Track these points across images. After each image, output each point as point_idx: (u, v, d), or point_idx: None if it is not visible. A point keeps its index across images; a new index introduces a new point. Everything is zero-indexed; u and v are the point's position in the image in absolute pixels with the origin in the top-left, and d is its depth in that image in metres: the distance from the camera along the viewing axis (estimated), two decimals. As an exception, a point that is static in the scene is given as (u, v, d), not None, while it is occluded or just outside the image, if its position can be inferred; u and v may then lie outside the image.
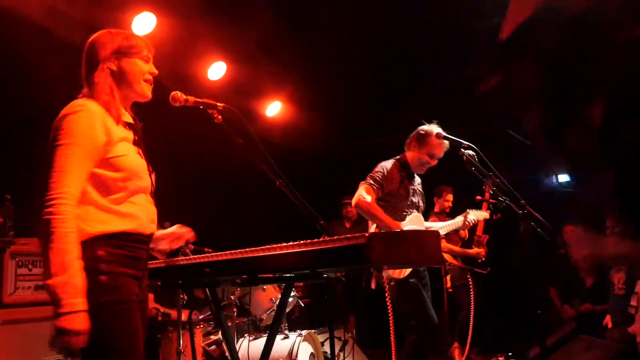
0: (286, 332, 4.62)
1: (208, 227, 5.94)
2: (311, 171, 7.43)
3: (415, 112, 4.53)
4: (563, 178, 8.29)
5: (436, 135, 3.91)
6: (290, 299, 4.77)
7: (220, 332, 4.55)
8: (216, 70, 5.79)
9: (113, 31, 2.17)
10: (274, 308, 4.75)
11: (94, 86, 2.06)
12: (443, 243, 5.34)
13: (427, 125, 4.06)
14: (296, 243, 2.04)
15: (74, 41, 2.17)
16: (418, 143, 4.05)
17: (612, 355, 4.41)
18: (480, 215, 4.44)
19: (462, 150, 3.67)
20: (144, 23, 4.77)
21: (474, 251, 5.54)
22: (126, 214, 1.99)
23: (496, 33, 5.94)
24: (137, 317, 1.97)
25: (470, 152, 3.66)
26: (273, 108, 6.91)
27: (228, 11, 5.08)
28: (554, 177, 8.35)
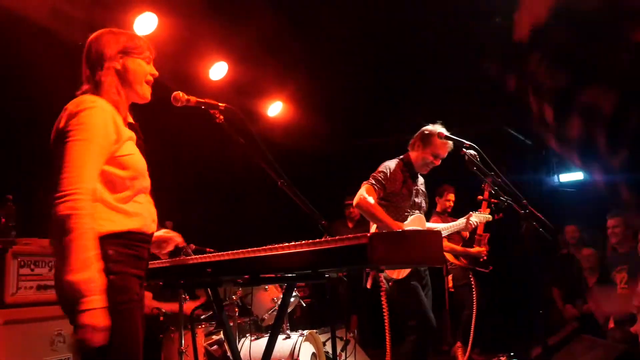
0: (288, 332, 4.61)
1: (210, 227, 5.99)
2: (313, 171, 7.43)
3: (416, 113, 4.52)
4: (565, 177, 8.28)
5: (438, 135, 3.91)
6: (292, 299, 4.77)
7: (222, 332, 4.55)
8: (218, 70, 5.79)
9: (115, 30, 2.17)
10: (276, 308, 4.75)
11: (102, 85, 2.06)
12: (444, 242, 5.34)
13: (431, 125, 4.06)
14: (298, 243, 2.04)
15: (75, 41, 2.16)
16: (422, 143, 4.05)
17: (615, 355, 4.40)
18: (482, 217, 4.45)
19: (464, 150, 3.67)
20: (146, 23, 4.77)
21: (476, 250, 5.55)
22: (132, 213, 2.00)
23: (496, 33, 5.93)
24: (138, 317, 1.98)
25: (471, 152, 3.66)
26: (274, 108, 6.90)
27: (229, 11, 5.08)
28: (556, 177, 8.34)
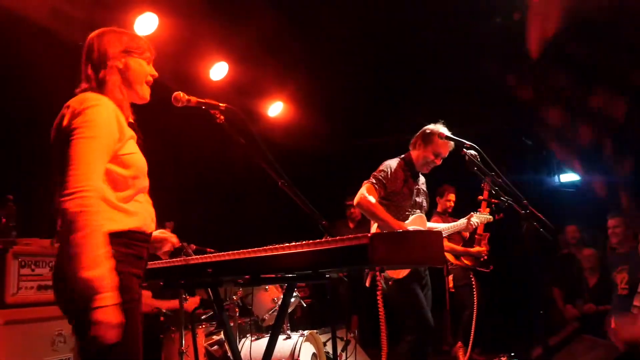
0: (288, 332, 4.61)
1: (210, 227, 5.99)
2: (313, 171, 7.43)
3: (416, 113, 4.52)
4: (565, 178, 8.28)
5: (438, 135, 3.91)
6: (292, 299, 4.77)
7: (222, 332, 4.55)
8: (218, 70, 5.79)
9: (117, 29, 2.17)
10: (276, 308, 4.75)
11: (106, 83, 2.06)
12: (445, 242, 5.34)
13: (433, 124, 4.06)
14: (298, 243, 2.04)
15: (76, 41, 2.16)
16: (423, 142, 4.04)
17: (615, 355, 4.40)
18: (483, 217, 4.45)
19: (465, 150, 3.67)
20: (147, 23, 4.77)
21: (476, 250, 5.54)
22: (133, 212, 2.00)
23: (496, 33, 5.95)
24: (139, 316, 1.98)
25: (472, 152, 3.65)
26: (275, 108, 6.90)
27: (230, 12, 5.08)
28: (557, 177, 8.34)
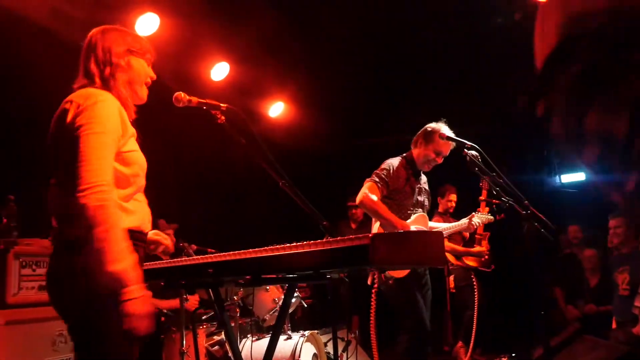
0: (289, 333, 4.61)
1: (211, 228, 5.99)
2: (314, 171, 7.42)
3: (416, 113, 4.52)
4: (566, 178, 8.26)
5: (439, 136, 3.91)
6: (293, 300, 4.77)
7: (223, 333, 4.55)
8: (219, 70, 5.79)
9: (120, 28, 2.17)
10: (277, 308, 4.75)
11: (111, 81, 2.06)
12: (445, 242, 5.34)
13: (435, 123, 4.06)
14: (299, 244, 2.03)
15: (76, 42, 2.16)
16: (425, 140, 4.04)
17: (617, 356, 4.39)
18: (484, 218, 4.44)
19: (466, 150, 3.68)
20: (148, 24, 4.78)
21: (477, 250, 5.55)
22: (132, 211, 2.00)
23: (497, 33, 5.94)
24: None
25: (473, 153, 3.66)
26: (276, 108, 6.90)
27: (231, 12, 5.08)
28: (558, 177, 8.33)
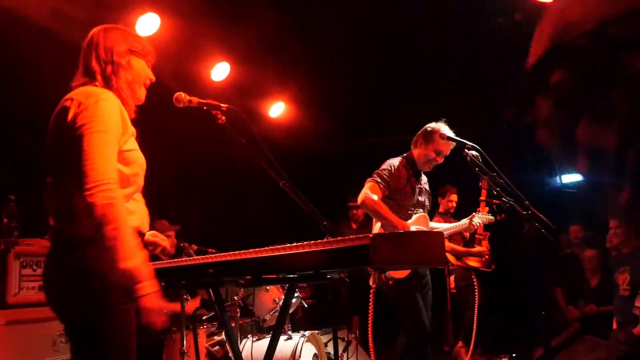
0: (289, 333, 4.61)
1: (211, 228, 5.99)
2: (314, 172, 7.42)
3: (416, 112, 4.52)
4: (567, 178, 8.26)
5: (440, 136, 3.92)
6: (293, 300, 4.77)
7: (223, 333, 4.55)
8: (220, 71, 5.78)
9: (122, 28, 2.18)
10: (278, 309, 4.74)
11: (113, 79, 2.06)
12: (446, 243, 5.34)
13: (435, 123, 4.07)
14: (300, 244, 2.03)
15: (76, 42, 2.16)
16: (425, 140, 4.04)
17: (617, 356, 4.39)
18: (485, 218, 4.44)
19: (466, 150, 3.67)
20: (148, 24, 4.78)
21: (477, 250, 5.55)
22: (132, 211, 2.00)
23: (497, 33, 5.95)
24: (133, 318, 1.97)
25: (474, 153, 3.65)
26: (276, 109, 6.90)
27: (231, 12, 5.08)
28: (558, 178, 8.32)
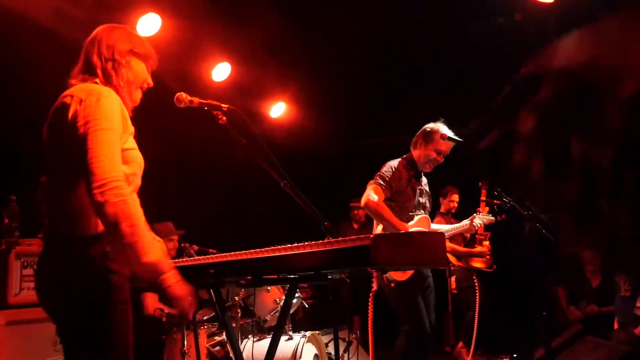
0: (290, 333, 4.61)
1: (212, 228, 5.98)
2: (315, 172, 7.42)
3: (416, 112, 4.52)
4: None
5: (441, 136, 3.92)
6: (294, 300, 4.77)
7: (224, 333, 4.55)
8: (221, 71, 5.78)
9: (127, 29, 2.18)
10: (278, 309, 4.74)
11: (113, 77, 2.06)
12: (447, 243, 5.34)
13: (433, 123, 4.07)
14: (300, 244, 2.03)
15: (77, 42, 2.16)
16: (424, 140, 4.04)
17: (618, 357, 4.38)
18: (486, 219, 4.44)
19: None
20: (149, 24, 4.78)
21: (478, 250, 5.54)
22: None
23: (496, 33, 5.95)
24: (130, 319, 1.97)
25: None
26: (277, 109, 6.90)
27: (233, 12, 5.08)
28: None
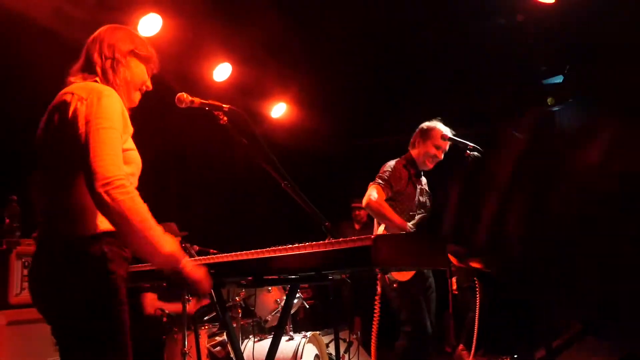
0: (291, 334, 4.61)
1: (213, 228, 5.98)
2: (316, 172, 7.42)
3: (416, 112, 4.51)
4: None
5: (441, 137, 3.92)
6: (295, 301, 4.77)
7: (225, 334, 4.55)
8: (222, 71, 5.78)
9: (131, 31, 2.19)
10: (279, 309, 4.75)
11: (112, 75, 2.06)
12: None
13: (428, 122, 4.08)
14: (301, 245, 2.03)
15: (79, 42, 2.17)
16: (422, 138, 4.05)
17: (619, 357, 4.39)
18: None
19: (468, 152, 3.68)
20: (150, 24, 4.78)
21: (478, 251, 5.53)
22: None
23: (496, 33, 5.95)
24: (128, 320, 1.96)
25: (475, 154, 3.66)
26: (278, 109, 6.90)
27: (234, 13, 5.09)
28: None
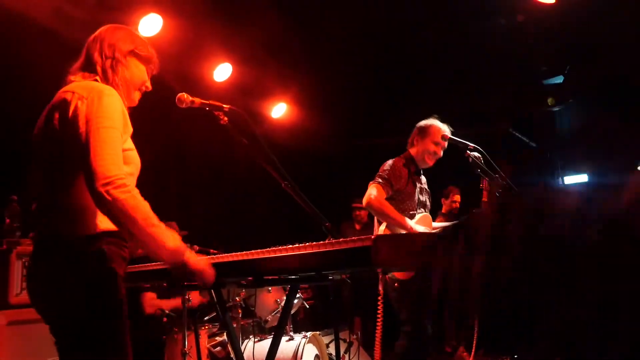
0: (291, 334, 4.61)
1: (213, 229, 5.99)
2: (316, 172, 7.42)
3: (416, 112, 4.51)
4: (569, 179, 8.26)
5: (442, 137, 3.92)
6: (295, 301, 4.77)
7: (225, 334, 4.55)
8: (222, 71, 5.79)
9: (132, 31, 2.19)
10: (279, 310, 4.74)
11: (111, 73, 2.06)
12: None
13: (425, 120, 4.08)
14: (302, 245, 2.03)
15: (79, 42, 2.17)
16: (420, 136, 4.05)
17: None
18: None
19: (469, 152, 3.68)
20: (151, 25, 4.78)
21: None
22: None
23: (496, 33, 5.96)
24: (127, 319, 1.97)
25: (476, 154, 3.66)
26: (279, 109, 6.90)
27: (234, 13, 5.09)
28: (560, 179, 8.32)
